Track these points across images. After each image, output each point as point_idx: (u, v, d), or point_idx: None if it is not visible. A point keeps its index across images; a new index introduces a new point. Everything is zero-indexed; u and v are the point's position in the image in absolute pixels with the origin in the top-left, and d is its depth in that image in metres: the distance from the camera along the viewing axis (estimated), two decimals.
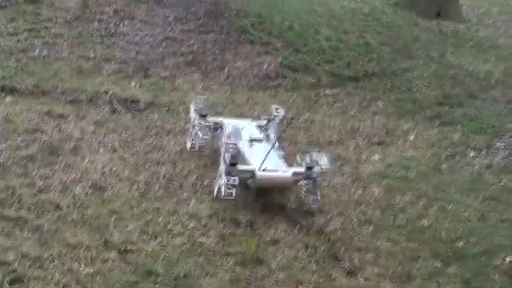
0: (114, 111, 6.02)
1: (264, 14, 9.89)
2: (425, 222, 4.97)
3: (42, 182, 4.42)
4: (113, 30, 8.33)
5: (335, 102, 7.77)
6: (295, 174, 4.62)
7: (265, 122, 5.40)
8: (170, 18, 8.96)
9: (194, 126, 5.27)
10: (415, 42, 10.56)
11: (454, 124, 7.44)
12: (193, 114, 5.28)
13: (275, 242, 4.24)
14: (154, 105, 6.37)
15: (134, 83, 6.99)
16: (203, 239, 4.09)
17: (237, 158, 4.46)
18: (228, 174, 4.40)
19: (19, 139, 4.97)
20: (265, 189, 4.70)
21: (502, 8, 13.95)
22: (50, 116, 5.54)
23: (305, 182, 4.73)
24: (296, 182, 4.71)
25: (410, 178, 5.74)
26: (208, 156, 5.29)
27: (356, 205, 5.02)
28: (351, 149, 6.29)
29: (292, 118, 5.52)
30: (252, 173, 4.47)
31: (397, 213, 5.05)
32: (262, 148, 4.79)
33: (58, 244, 3.77)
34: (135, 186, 4.63)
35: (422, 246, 4.64)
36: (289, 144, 5.98)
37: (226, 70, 7.90)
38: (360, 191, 5.30)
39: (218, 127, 5.18)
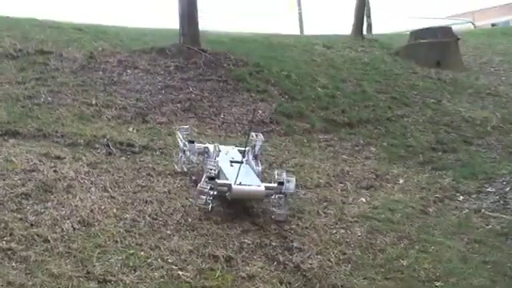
0: (109, 154, 6.29)
1: (262, 64, 10.28)
2: (404, 262, 5.11)
3: (33, 218, 4.67)
4: (115, 79, 8.73)
5: (328, 146, 8.02)
6: (267, 188, 5.33)
7: (249, 148, 6.07)
8: (171, 68, 9.36)
9: (184, 151, 5.96)
10: (412, 90, 10.87)
11: (445, 169, 7.61)
12: (181, 141, 6.02)
13: (251, 278, 4.41)
14: (149, 148, 6.64)
15: (131, 128, 7.30)
16: (181, 273, 4.28)
17: (217, 173, 5.24)
18: (210, 187, 5.15)
19: (16, 178, 5.24)
20: (240, 200, 5.39)
21: (505, 57, 14.26)
22: (48, 157, 5.82)
23: (276, 196, 5.38)
24: (268, 195, 5.39)
25: (395, 220, 5.89)
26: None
27: (336, 244, 5.19)
28: (338, 191, 6.48)
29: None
30: (229, 186, 5.14)
31: (377, 252, 5.20)
32: (241, 168, 5.45)
33: (43, 274, 3.98)
34: (121, 223, 4.86)
35: (400, 284, 4.77)
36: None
37: (221, 116, 8.20)
38: (342, 231, 5.47)
39: (204, 151, 5.98)
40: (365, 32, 18.02)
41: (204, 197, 5.14)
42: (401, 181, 7.08)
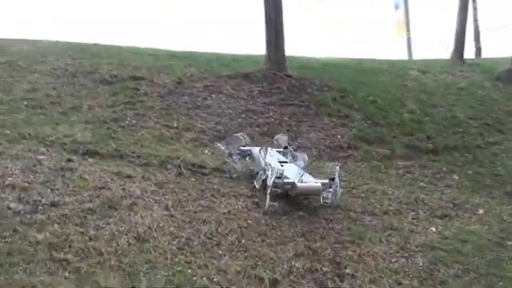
0: (179, 174, 6.50)
1: (348, 89, 10.20)
2: None
3: (94, 232, 4.91)
4: (199, 103, 9.03)
5: (406, 173, 7.76)
6: (323, 184, 6.00)
7: (282, 149, 6.92)
8: (255, 92, 9.54)
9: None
10: (509, 116, 10.29)
11: None
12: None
13: None
14: (219, 170, 6.77)
15: (206, 150, 7.50)
16: None
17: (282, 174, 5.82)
18: (275, 186, 5.72)
19: (86, 194, 5.55)
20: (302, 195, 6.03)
21: None
22: (119, 176, 6.12)
23: (329, 189, 6.02)
24: (323, 190, 6.00)
25: (464, 251, 5.56)
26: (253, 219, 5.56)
27: (393, 273, 4.98)
28: (408, 219, 6.23)
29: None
30: (293, 184, 5.80)
31: (436, 284, 4.94)
32: (289, 167, 6.26)
33: (91, 285, 4.18)
34: (176, 241, 4.98)
35: None
36: (342, 210, 6.12)
37: (298, 141, 8.21)
38: (402, 260, 5.24)
39: (248, 154, 6.72)
40: (473, 56, 17.34)
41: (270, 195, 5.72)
42: (480, 211, 6.68)
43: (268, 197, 5.74)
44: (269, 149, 6.64)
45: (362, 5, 23.78)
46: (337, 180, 6.05)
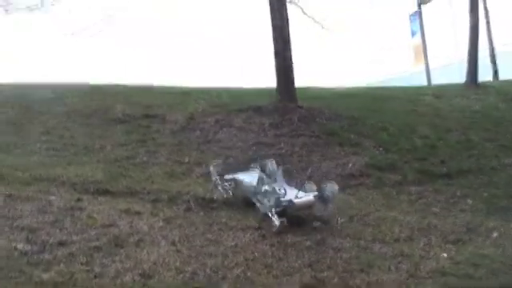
0: (188, 209, 6.53)
1: (358, 117, 10.20)
2: None
3: (99, 269, 4.93)
4: (210, 138, 9.12)
5: (418, 199, 7.67)
6: (314, 196, 6.34)
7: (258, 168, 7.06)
8: (266, 125, 9.60)
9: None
10: None
11: None
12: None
13: None
14: (228, 204, 6.79)
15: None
16: None
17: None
18: (276, 206, 6.08)
19: (93, 233, 5.60)
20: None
21: None
22: (128, 213, 6.17)
23: (319, 201, 6.34)
24: (315, 202, 6.33)
25: (477, 275, 5.43)
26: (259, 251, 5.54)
27: None
28: (420, 246, 6.12)
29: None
30: (290, 201, 6.14)
31: None
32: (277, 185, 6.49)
33: None
34: (180, 276, 4.97)
35: None
36: (352, 238, 6.06)
37: (309, 171, 8.18)
38: None
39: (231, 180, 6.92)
40: (491, 79, 17.22)
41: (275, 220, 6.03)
42: (495, 234, 6.55)
43: (275, 216, 6.05)
44: (252, 173, 6.92)
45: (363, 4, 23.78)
46: (327, 192, 6.38)
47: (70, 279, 4.74)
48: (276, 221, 6.01)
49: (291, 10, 12.91)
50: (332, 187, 6.42)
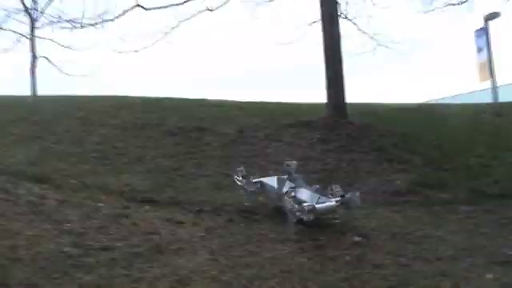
0: (230, 220, 6.62)
1: (411, 134, 10.06)
2: None
3: (138, 275, 5.07)
4: (258, 152, 9.22)
5: (467, 218, 7.45)
6: (336, 201, 6.42)
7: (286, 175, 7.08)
8: (314, 140, 9.62)
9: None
10: None
11: None
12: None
13: None
14: (270, 216, 6.83)
15: (261, 197, 7.58)
16: None
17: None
18: (298, 211, 6.29)
19: (136, 239, 5.78)
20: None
21: None
22: (170, 222, 6.32)
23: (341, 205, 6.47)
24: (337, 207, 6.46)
25: None
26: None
27: None
28: (464, 266, 5.96)
29: None
30: (313, 206, 6.21)
31: None
32: (301, 191, 6.71)
33: None
34: (216, 284, 5.04)
35: None
36: (392, 255, 5.98)
37: (355, 186, 8.13)
38: None
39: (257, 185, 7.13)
40: None
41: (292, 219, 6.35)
42: None
43: (290, 221, 6.38)
44: (278, 177, 6.98)
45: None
46: (348, 196, 6.48)
47: (110, 282, 4.90)
48: (292, 225, 6.31)
49: (346, 26, 12.99)
50: (354, 194, 6.54)
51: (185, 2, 12.30)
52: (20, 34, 18.70)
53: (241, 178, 7.24)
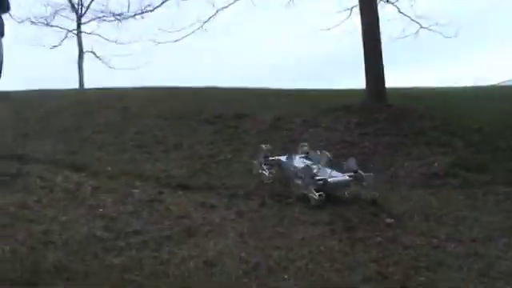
0: (262, 204, 6.64)
1: (452, 117, 9.84)
2: None
3: (166, 256, 5.17)
4: (295, 137, 9.20)
5: (507, 199, 7.24)
6: (350, 176, 6.62)
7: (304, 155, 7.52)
8: (352, 124, 9.53)
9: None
10: None
11: None
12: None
13: None
14: (303, 200, 6.83)
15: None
16: None
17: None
18: (312, 183, 6.51)
19: (167, 223, 5.88)
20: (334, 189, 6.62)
21: None
22: (203, 206, 6.40)
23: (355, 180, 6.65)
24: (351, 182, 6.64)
25: None
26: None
27: None
28: (498, 246, 5.80)
29: None
30: (325, 180, 6.49)
31: None
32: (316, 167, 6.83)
33: None
34: (243, 265, 5.07)
35: None
36: (425, 237, 5.89)
37: (391, 170, 8.02)
38: (480, 287, 4.92)
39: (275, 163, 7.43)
40: None
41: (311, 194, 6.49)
42: None
43: (312, 192, 6.47)
44: (294, 155, 7.37)
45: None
46: (361, 173, 6.65)
47: (138, 264, 5.02)
48: (314, 195, 6.40)
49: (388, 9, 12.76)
50: (368, 175, 6.72)
51: None
52: (67, 29, 19.22)
53: (261, 156, 7.52)
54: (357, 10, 11.13)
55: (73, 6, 19.12)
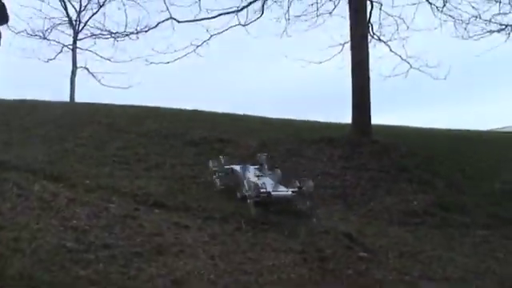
0: (237, 229, 6.58)
1: (435, 156, 9.87)
2: None
3: (134, 273, 5.10)
4: (277, 165, 9.14)
5: (483, 243, 7.27)
6: (293, 191, 7.09)
7: (258, 166, 7.89)
8: (335, 157, 9.53)
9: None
10: None
11: None
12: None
13: None
14: (278, 226, 6.78)
15: (272, 208, 7.54)
16: None
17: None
18: (255, 195, 6.92)
19: (139, 239, 5.80)
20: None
21: None
22: (177, 226, 6.32)
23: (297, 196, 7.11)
24: (293, 197, 7.11)
25: None
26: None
27: None
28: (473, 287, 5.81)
29: None
30: (269, 193, 6.92)
31: None
32: (264, 180, 7.34)
33: None
34: (210, 287, 5.04)
35: None
36: (398, 273, 5.86)
37: (370, 204, 8.02)
38: None
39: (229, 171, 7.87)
40: None
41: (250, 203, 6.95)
42: None
43: (252, 204, 6.93)
44: (248, 166, 7.80)
45: None
46: (305, 188, 7.08)
47: (105, 278, 4.95)
48: (252, 208, 6.90)
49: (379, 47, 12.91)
50: (309, 184, 7.11)
51: (218, 15, 12.43)
52: (63, 44, 19.28)
53: (216, 165, 8.06)
54: (348, 46, 11.23)
55: (71, 21, 19.14)
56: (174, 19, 12.58)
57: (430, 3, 12.45)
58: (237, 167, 7.82)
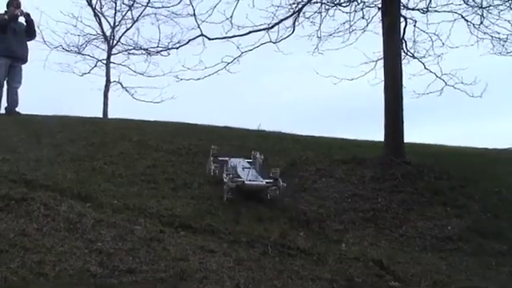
0: (264, 253, 6.45)
1: (470, 178, 9.56)
2: None
3: None
4: (307, 186, 9.00)
5: None
6: (267, 182, 8.01)
7: (251, 159, 8.80)
8: (366, 178, 9.30)
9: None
10: None
11: None
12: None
13: None
14: (306, 253, 6.62)
15: (302, 232, 7.39)
16: None
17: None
18: (231, 182, 7.82)
19: (163, 264, 5.73)
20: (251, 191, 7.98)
21: None
22: (202, 250, 6.23)
23: (273, 187, 8.02)
24: (267, 187, 8.00)
25: None
26: None
27: None
28: None
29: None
30: (243, 181, 7.87)
31: None
32: (248, 171, 8.28)
33: None
34: None
35: None
36: None
37: (402, 229, 7.79)
38: None
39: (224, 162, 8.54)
40: None
41: (226, 188, 7.87)
42: None
43: (225, 189, 7.89)
44: (240, 160, 8.67)
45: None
46: (279, 180, 7.96)
47: None
48: (225, 193, 7.86)
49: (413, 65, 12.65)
50: (276, 172, 8.07)
51: (248, 33, 12.35)
52: (97, 59, 19.47)
53: (212, 156, 8.75)
54: (381, 63, 11.01)
55: (105, 37, 19.34)
56: (205, 36, 12.49)
57: (467, 20, 12.10)
58: (232, 159, 8.58)
